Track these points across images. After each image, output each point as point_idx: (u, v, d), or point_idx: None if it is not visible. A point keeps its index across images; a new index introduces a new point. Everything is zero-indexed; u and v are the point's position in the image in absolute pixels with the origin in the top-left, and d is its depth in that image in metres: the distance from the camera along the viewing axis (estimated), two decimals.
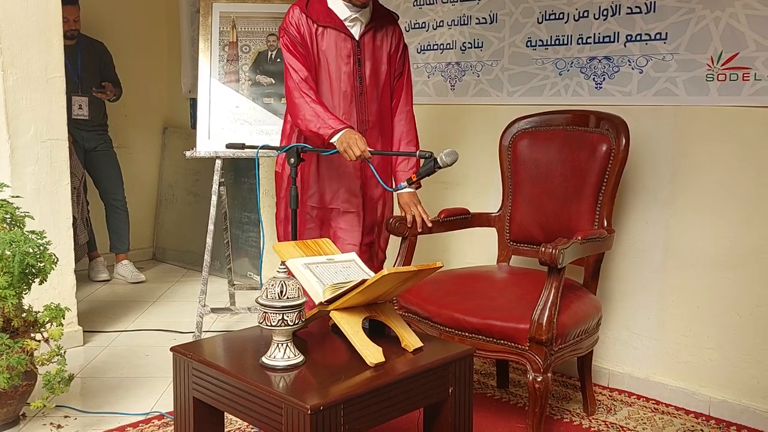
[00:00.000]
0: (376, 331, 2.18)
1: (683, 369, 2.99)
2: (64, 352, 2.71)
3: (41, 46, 3.39)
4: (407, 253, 2.93)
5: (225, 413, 2.17)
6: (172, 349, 2.14)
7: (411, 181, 2.65)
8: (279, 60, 3.79)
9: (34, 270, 2.63)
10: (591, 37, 3.14)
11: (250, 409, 1.88)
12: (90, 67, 4.82)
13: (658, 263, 3.03)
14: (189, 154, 3.71)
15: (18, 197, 2.93)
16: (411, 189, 2.88)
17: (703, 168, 2.88)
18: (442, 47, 3.69)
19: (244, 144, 2.98)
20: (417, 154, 2.64)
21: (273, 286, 1.92)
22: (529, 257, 3.06)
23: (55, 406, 2.87)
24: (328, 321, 2.21)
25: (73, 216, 3.65)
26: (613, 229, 2.82)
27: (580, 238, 2.57)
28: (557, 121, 3.01)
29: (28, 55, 3.34)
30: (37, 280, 2.67)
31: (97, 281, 4.97)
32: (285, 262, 2.10)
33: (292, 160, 2.68)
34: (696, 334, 2.94)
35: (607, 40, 3.10)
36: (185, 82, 5.54)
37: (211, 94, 3.77)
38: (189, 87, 5.47)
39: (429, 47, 3.74)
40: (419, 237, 2.97)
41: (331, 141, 2.65)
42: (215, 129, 3.73)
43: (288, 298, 1.91)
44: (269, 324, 1.92)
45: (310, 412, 1.70)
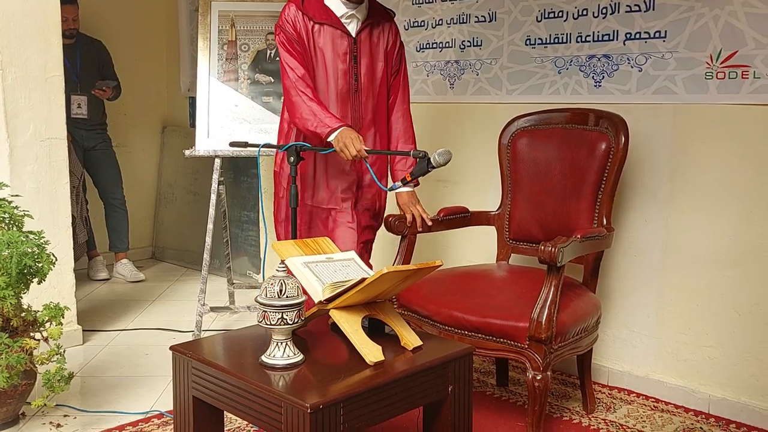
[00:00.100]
0: (375, 329, 2.18)
1: (683, 367, 2.99)
2: (64, 352, 2.71)
3: (40, 45, 3.38)
4: (406, 251, 2.93)
5: (225, 412, 2.17)
6: (171, 348, 2.14)
7: (405, 181, 2.64)
8: (278, 59, 3.76)
9: (32, 270, 2.63)
10: (590, 35, 3.14)
11: (249, 408, 1.88)
12: (89, 66, 4.81)
13: (658, 261, 3.03)
14: (188, 152, 3.71)
15: (17, 196, 2.93)
16: (407, 188, 2.88)
17: (702, 166, 2.88)
18: (441, 46, 3.69)
19: (247, 142, 2.98)
20: (411, 154, 2.62)
21: (272, 284, 1.92)
22: (529, 256, 3.06)
23: (55, 405, 2.87)
24: (328, 320, 2.21)
25: (72, 215, 3.65)
26: (612, 228, 2.82)
27: (579, 236, 2.57)
28: (556, 119, 3.01)
29: (26, 54, 3.34)
30: (35, 280, 2.68)
31: (96, 280, 4.97)
32: (284, 260, 2.10)
33: (291, 159, 2.68)
34: (695, 332, 2.95)
35: (606, 38, 3.09)
36: (184, 81, 5.54)
37: (210, 92, 3.76)
38: (188, 86, 5.47)
39: (428, 46, 3.74)
40: (418, 236, 2.97)
41: (328, 140, 2.64)
42: (214, 128, 3.73)
43: (287, 296, 1.91)
44: (269, 323, 1.92)
45: (309, 411, 1.70)
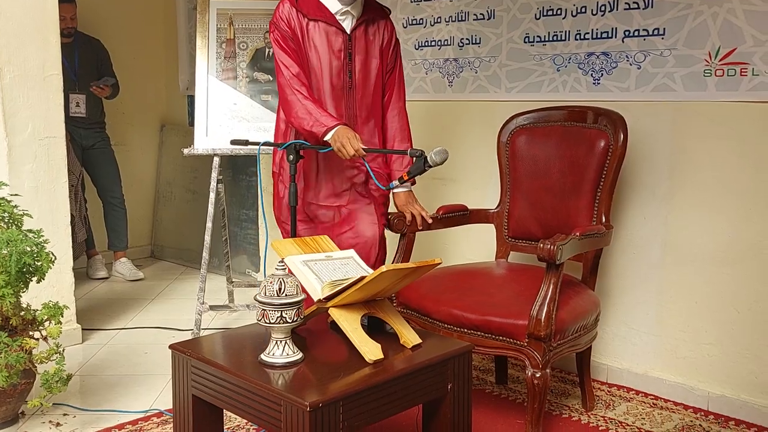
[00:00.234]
0: (374, 327, 2.18)
1: (682, 364, 2.99)
2: (63, 350, 2.71)
3: (38, 44, 3.38)
4: (406, 249, 2.93)
5: (224, 411, 2.17)
6: (170, 346, 2.14)
7: (402, 180, 2.63)
8: None
9: (31, 269, 2.63)
10: (589, 32, 3.14)
11: (249, 407, 1.88)
12: (87, 64, 4.81)
13: (657, 259, 3.03)
14: (187, 151, 3.70)
15: (16, 195, 2.93)
16: (404, 188, 2.87)
17: (701, 163, 2.88)
18: (439, 43, 3.69)
19: (247, 140, 2.97)
20: (408, 153, 2.61)
21: (271, 283, 1.92)
22: (528, 253, 3.06)
23: (54, 404, 2.87)
24: (327, 318, 2.22)
25: (71, 214, 3.65)
26: (611, 225, 2.82)
27: (578, 234, 2.57)
28: (555, 117, 3.01)
29: (25, 53, 3.34)
30: (34, 279, 2.67)
31: (95, 279, 4.97)
32: (283, 259, 2.10)
33: (291, 157, 2.67)
34: (694, 329, 2.95)
35: (604, 35, 3.09)
36: (183, 80, 5.53)
37: (209, 91, 3.76)
38: (186, 84, 5.46)
39: (426, 43, 3.73)
40: (417, 234, 2.97)
41: (325, 139, 2.62)
42: (213, 126, 3.72)
43: (286, 295, 1.91)
44: (268, 321, 1.92)
45: (309, 409, 1.70)
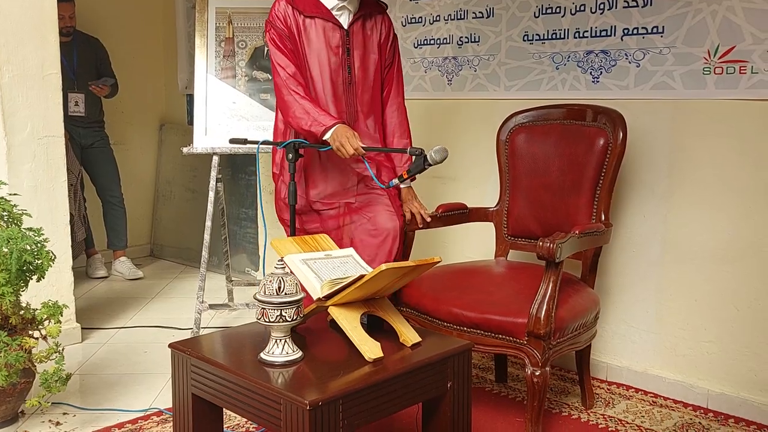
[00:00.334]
0: (374, 326, 2.18)
1: (681, 362, 3.00)
2: (63, 350, 2.71)
3: (37, 43, 3.38)
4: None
5: (224, 409, 2.17)
6: (170, 345, 2.13)
7: (402, 179, 2.63)
8: None
9: (31, 267, 2.63)
10: (588, 31, 3.14)
11: (248, 405, 1.88)
12: (86, 63, 4.81)
13: (656, 257, 3.03)
14: (186, 150, 3.70)
15: (15, 195, 2.93)
16: (404, 185, 2.87)
17: (700, 161, 2.88)
18: (438, 42, 3.69)
19: (246, 139, 2.96)
20: (408, 151, 2.61)
21: (271, 282, 1.92)
22: (527, 252, 3.06)
23: (54, 403, 2.87)
24: (327, 316, 2.22)
25: (71, 213, 3.65)
26: (610, 223, 2.82)
27: (577, 232, 2.57)
28: (554, 115, 3.01)
29: (24, 52, 3.34)
30: (34, 278, 2.67)
31: (94, 278, 4.97)
32: (283, 258, 2.10)
33: (290, 156, 2.67)
34: (694, 327, 2.95)
35: (603, 33, 3.09)
36: (182, 78, 5.53)
37: (208, 90, 3.76)
38: (185, 83, 5.46)
39: (426, 42, 3.73)
40: (417, 232, 2.97)
41: (324, 138, 2.61)
42: (212, 125, 3.72)
43: (286, 294, 1.91)
44: (267, 320, 1.92)
45: (308, 408, 1.70)
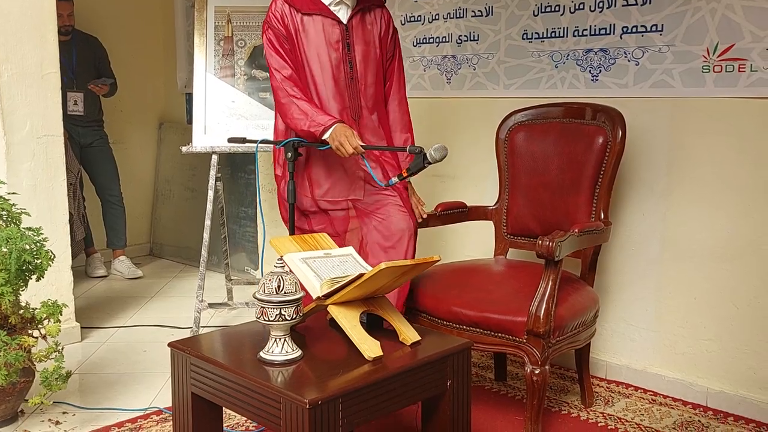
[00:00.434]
0: (373, 325, 2.18)
1: (681, 360, 3.00)
2: (62, 349, 2.71)
3: (36, 42, 3.37)
4: None
5: (223, 408, 2.17)
6: (169, 344, 2.13)
7: (402, 177, 2.62)
8: None
9: (30, 267, 2.63)
10: (587, 29, 3.14)
11: (248, 404, 1.88)
12: (85, 62, 4.80)
13: (655, 255, 3.03)
14: (185, 149, 3.70)
15: (14, 194, 2.93)
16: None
17: (699, 160, 2.88)
18: (437, 40, 3.69)
19: (245, 138, 2.96)
20: (408, 150, 2.60)
21: (270, 281, 1.92)
22: (527, 250, 3.06)
23: (54, 402, 2.87)
24: (326, 315, 2.22)
25: (70, 212, 3.65)
26: (610, 222, 2.82)
27: (577, 230, 2.57)
28: (553, 113, 3.01)
29: (23, 51, 3.33)
30: (33, 277, 2.67)
31: (94, 277, 4.97)
32: (282, 256, 2.10)
33: (289, 155, 2.67)
34: (693, 325, 2.95)
35: (603, 32, 3.09)
36: (181, 77, 5.52)
37: (207, 89, 3.75)
38: (184, 82, 5.45)
39: (425, 40, 3.73)
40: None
41: (323, 138, 2.60)
42: (211, 124, 3.72)
43: (285, 292, 1.91)
44: (267, 319, 1.92)
45: (308, 407, 1.70)
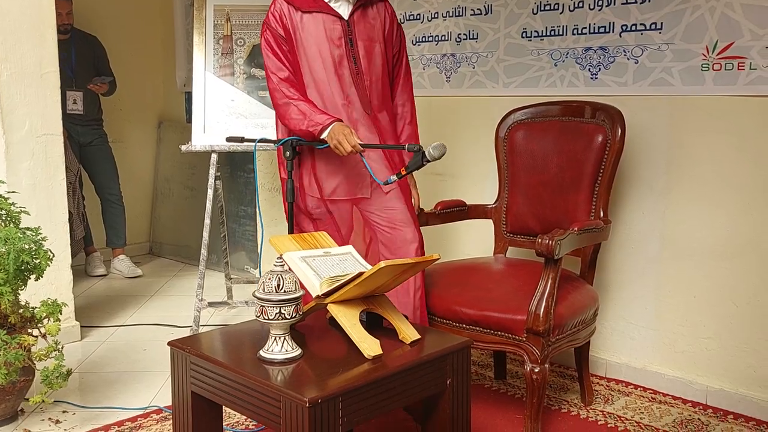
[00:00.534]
0: (373, 323, 2.18)
1: (680, 358, 3.00)
2: (62, 348, 2.71)
3: (35, 41, 3.37)
4: None
5: (223, 407, 2.17)
6: (169, 343, 2.14)
7: (400, 175, 2.61)
8: None
9: (29, 266, 2.62)
10: (586, 27, 3.13)
11: (248, 403, 1.88)
12: (84, 61, 4.80)
13: (655, 253, 3.03)
14: (184, 148, 3.70)
15: (13, 193, 2.93)
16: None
17: (699, 158, 2.88)
18: (437, 39, 3.68)
19: (243, 137, 2.96)
20: (406, 148, 2.59)
21: (270, 279, 1.92)
22: (526, 248, 3.06)
23: (54, 401, 2.87)
24: (326, 314, 2.22)
25: (69, 211, 3.65)
26: (609, 220, 2.82)
27: (576, 229, 2.58)
28: (553, 112, 3.01)
29: (22, 50, 3.33)
30: (32, 277, 2.67)
31: (93, 276, 4.97)
32: (281, 255, 2.10)
33: (287, 154, 2.67)
34: (693, 323, 2.95)
35: (602, 30, 3.09)
36: (180, 76, 5.52)
37: (206, 87, 3.75)
38: (184, 81, 5.45)
39: (424, 39, 3.73)
40: None
41: (321, 137, 2.59)
42: (210, 123, 3.72)
43: (285, 291, 1.91)
44: (266, 318, 1.92)
45: (308, 405, 1.70)
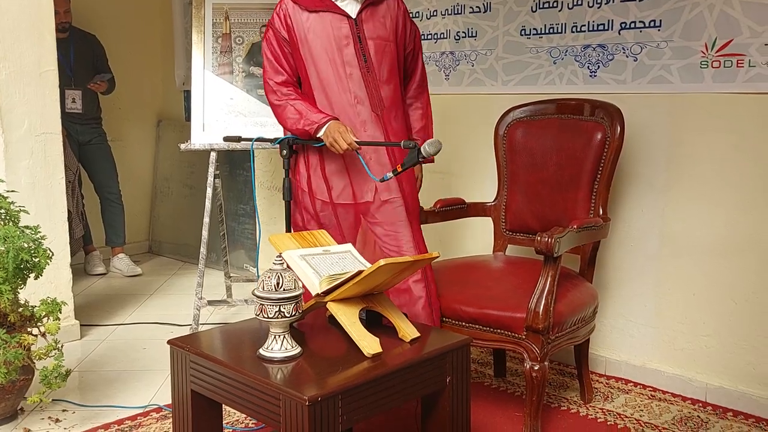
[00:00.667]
0: (373, 321, 2.18)
1: (680, 356, 3.00)
2: (62, 347, 2.71)
3: (34, 40, 3.37)
4: None
5: (223, 405, 2.17)
6: (169, 341, 2.14)
7: (396, 172, 2.61)
8: None
9: (29, 265, 2.62)
10: (585, 25, 3.13)
11: (248, 401, 1.88)
12: (83, 60, 4.79)
13: (654, 251, 3.03)
14: (183, 146, 3.70)
15: (13, 192, 2.93)
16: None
17: (698, 155, 2.88)
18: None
19: (240, 137, 2.97)
20: (402, 144, 2.57)
21: (269, 278, 1.92)
22: (525, 246, 3.06)
23: (53, 400, 2.87)
24: (325, 312, 2.22)
25: (69, 210, 3.65)
26: (608, 218, 2.82)
27: (575, 226, 2.58)
28: (552, 109, 3.01)
29: (20, 48, 3.33)
30: (32, 275, 2.67)
31: (93, 275, 4.97)
32: (281, 253, 2.10)
33: (284, 152, 2.67)
34: (692, 321, 2.95)
35: (601, 28, 3.09)
36: (179, 75, 5.52)
37: (205, 86, 3.75)
38: (183, 79, 5.45)
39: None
40: None
41: (318, 135, 2.59)
42: (209, 121, 3.72)
43: (284, 289, 1.91)
44: (266, 316, 1.92)
45: (308, 404, 1.70)
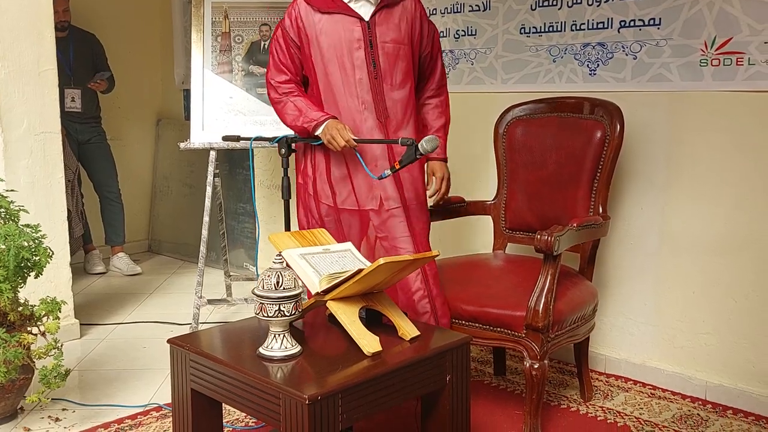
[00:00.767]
0: (372, 320, 2.18)
1: (679, 354, 3.00)
2: (61, 346, 2.71)
3: (33, 39, 3.36)
4: None
5: (223, 404, 2.17)
6: (169, 340, 2.14)
7: (394, 169, 2.60)
8: None
9: (29, 264, 2.62)
10: (585, 23, 3.13)
11: (248, 400, 1.88)
12: (82, 59, 4.79)
13: (654, 249, 3.04)
14: (183, 145, 3.70)
15: (12, 191, 2.93)
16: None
17: (698, 153, 2.88)
18: None
19: (239, 136, 2.97)
20: (399, 142, 2.56)
21: (269, 276, 1.92)
22: (525, 245, 3.06)
23: (53, 399, 2.87)
24: (325, 311, 2.22)
25: (68, 209, 3.65)
26: (608, 216, 2.83)
27: (575, 224, 2.58)
28: (551, 108, 3.01)
29: (20, 47, 3.32)
30: (32, 274, 2.67)
31: (93, 274, 4.97)
32: (281, 252, 2.10)
33: (283, 151, 2.67)
34: (692, 319, 2.95)
35: (600, 26, 3.09)
36: (178, 73, 5.51)
37: (205, 85, 3.75)
38: (182, 78, 5.44)
39: None
40: None
41: (316, 133, 2.58)
42: (209, 120, 3.72)
43: (284, 288, 1.91)
44: (266, 315, 1.92)
45: (308, 402, 1.70)
